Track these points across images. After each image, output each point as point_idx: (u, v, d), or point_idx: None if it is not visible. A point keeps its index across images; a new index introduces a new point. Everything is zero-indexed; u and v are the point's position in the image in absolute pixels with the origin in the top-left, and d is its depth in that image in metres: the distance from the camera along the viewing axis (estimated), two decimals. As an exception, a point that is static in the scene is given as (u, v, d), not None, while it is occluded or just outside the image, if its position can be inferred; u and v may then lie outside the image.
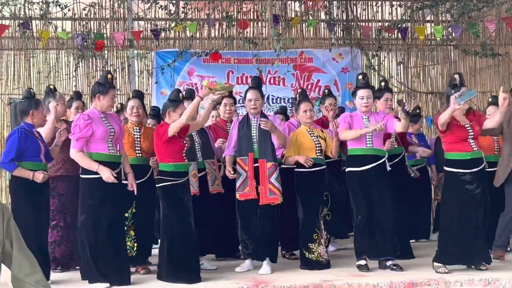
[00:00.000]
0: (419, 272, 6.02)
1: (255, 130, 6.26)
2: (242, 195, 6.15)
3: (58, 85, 9.63)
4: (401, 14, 10.63)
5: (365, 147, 6.19)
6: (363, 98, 6.25)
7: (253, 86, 6.46)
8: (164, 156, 5.83)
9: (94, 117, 5.54)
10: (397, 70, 10.76)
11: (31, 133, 5.67)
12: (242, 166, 6.17)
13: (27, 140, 5.57)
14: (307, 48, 10.32)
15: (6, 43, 9.92)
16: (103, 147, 5.53)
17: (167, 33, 10.04)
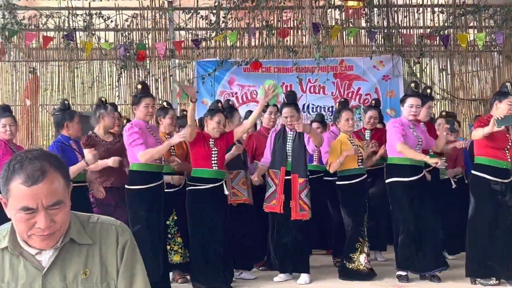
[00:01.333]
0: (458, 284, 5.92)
1: (290, 144, 6.25)
2: (268, 207, 6.17)
3: (101, 95, 9.81)
4: (443, 20, 10.51)
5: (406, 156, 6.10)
6: (412, 106, 6.13)
7: (289, 102, 6.45)
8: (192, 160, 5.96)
9: (142, 128, 5.62)
10: (439, 77, 10.63)
11: (67, 145, 5.76)
12: (273, 179, 6.18)
13: (63, 153, 5.66)
14: (347, 56, 10.28)
15: (51, 54, 10.15)
16: None
17: (208, 43, 10.13)
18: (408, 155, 5.95)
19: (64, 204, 1.87)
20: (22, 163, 1.82)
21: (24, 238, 1.89)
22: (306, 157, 6.29)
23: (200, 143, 5.84)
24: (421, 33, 10.45)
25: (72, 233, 1.95)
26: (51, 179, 1.83)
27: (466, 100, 10.59)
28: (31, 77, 10.06)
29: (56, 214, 1.84)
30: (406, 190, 6.05)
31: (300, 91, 10.01)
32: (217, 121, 5.91)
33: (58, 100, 9.97)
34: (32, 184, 1.79)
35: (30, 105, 9.96)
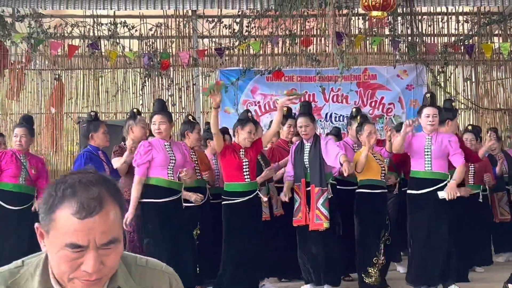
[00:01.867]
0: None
1: (307, 155, 6.25)
2: (296, 221, 6.14)
3: (125, 104, 9.91)
4: (467, 29, 10.45)
5: (423, 170, 6.04)
6: (428, 116, 6.05)
7: (303, 112, 6.44)
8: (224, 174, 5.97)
9: (155, 144, 5.66)
10: (464, 86, 10.55)
11: (95, 155, 5.83)
12: (297, 192, 6.18)
13: (91, 162, 5.74)
14: (370, 65, 10.25)
15: (76, 62, 10.26)
16: (162, 173, 5.64)
17: (231, 51, 10.17)
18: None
19: (118, 242, 1.52)
20: (75, 188, 1.47)
21: (63, 281, 1.52)
22: (321, 166, 6.23)
23: (230, 155, 5.87)
24: (445, 42, 10.39)
25: (119, 279, 1.60)
26: (108, 210, 1.49)
27: (491, 110, 10.49)
28: (56, 84, 10.17)
29: (107, 255, 1.49)
30: (418, 203, 6.02)
31: (323, 100, 10.01)
32: (248, 131, 5.94)
33: (82, 108, 10.08)
34: (86, 216, 1.45)
35: (55, 113, 10.05)
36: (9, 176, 6.07)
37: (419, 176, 6.03)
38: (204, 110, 10.10)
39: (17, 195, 6.14)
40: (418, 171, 6.04)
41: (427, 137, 6.05)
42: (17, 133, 6.18)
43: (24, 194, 6.18)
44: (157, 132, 5.76)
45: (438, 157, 5.97)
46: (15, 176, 6.09)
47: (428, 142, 6.01)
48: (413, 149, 6.06)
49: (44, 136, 10.05)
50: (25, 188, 6.16)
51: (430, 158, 5.96)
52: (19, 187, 6.12)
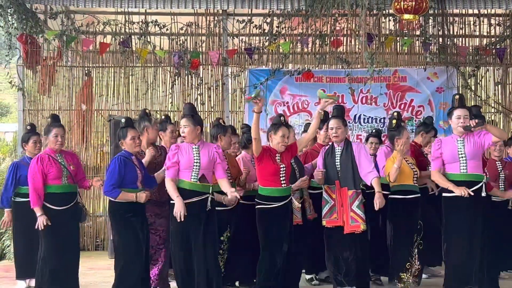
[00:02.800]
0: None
1: (338, 159, 6.27)
2: (330, 222, 6.18)
3: (155, 102, 9.99)
4: (499, 32, 10.34)
5: (459, 172, 6.04)
6: (459, 117, 6.07)
7: (335, 114, 6.45)
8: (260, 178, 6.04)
9: (183, 147, 5.84)
10: (495, 90, 10.45)
11: (129, 160, 5.89)
12: (330, 194, 6.22)
13: (126, 167, 5.81)
14: (400, 66, 10.19)
15: (107, 59, 10.35)
16: (187, 175, 5.77)
17: (261, 51, 10.19)
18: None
19: None
20: None
21: None
22: (354, 170, 6.26)
23: (267, 159, 5.93)
24: (476, 45, 10.30)
25: None
26: None
27: (521, 114, 10.40)
28: (86, 80, 10.27)
29: None
30: (453, 206, 6.03)
31: (352, 101, 9.99)
32: (281, 135, 5.99)
33: (113, 105, 10.17)
34: None
35: (85, 110, 10.16)
36: (52, 179, 6.15)
37: (454, 179, 6.04)
38: (232, 110, 10.13)
39: (63, 195, 6.23)
40: (453, 173, 6.06)
41: (459, 139, 6.05)
42: (57, 133, 6.24)
43: (69, 193, 6.29)
44: (183, 136, 5.92)
45: (472, 158, 6.01)
46: (58, 178, 6.18)
47: (461, 144, 6.01)
48: (446, 155, 6.06)
49: (74, 133, 10.16)
50: (69, 187, 6.26)
51: (466, 160, 5.98)
52: (63, 187, 6.21)
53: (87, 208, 10.01)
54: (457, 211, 6.01)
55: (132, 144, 5.94)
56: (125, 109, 10.04)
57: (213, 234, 5.89)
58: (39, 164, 6.11)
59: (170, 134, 6.74)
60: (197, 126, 5.86)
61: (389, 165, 6.33)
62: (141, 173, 5.93)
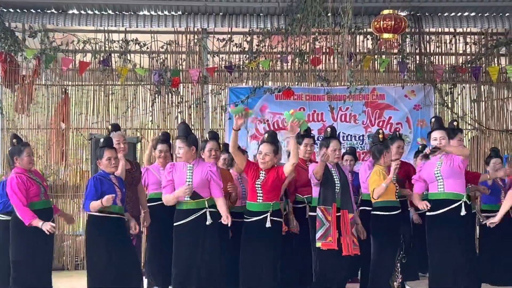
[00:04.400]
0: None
1: (338, 180, 6.33)
2: (325, 245, 6.19)
3: (134, 120, 9.98)
4: (475, 51, 10.56)
5: (437, 191, 6.21)
6: (436, 139, 6.28)
7: (334, 135, 6.53)
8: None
9: (177, 167, 5.98)
10: (471, 107, 10.64)
11: (106, 179, 5.92)
12: (326, 216, 6.23)
13: (103, 185, 5.89)
14: (378, 84, 10.34)
15: (86, 77, 10.32)
16: None
17: (241, 69, 10.26)
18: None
19: None
20: None
21: None
22: (351, 193, 6.41)
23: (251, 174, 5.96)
24: (452, 64, 10.49)
25: None
26: None
27: (497, 131, 10.58)
28: (63, 98, 10.23)
29: None
30: (434, 224, 6.20)
31: (331, 119, 10.09)
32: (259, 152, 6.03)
33: (93, 123, 10.14)
34: None
35: (65, 128, 10.11)
36: (32, 196, 6.17)
37: (434, 198, 6.23)
38: (213, 128, 10.17)
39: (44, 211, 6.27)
40: (433, 192, 6.28)
41: (438, 162, 6.22)
42: (29, 152, 6.44)
43: (49, 209, 6.45)
44: (178, 157, 5.94)
45: (450, 177, 6.15)
46: (37, 195, 6.20)
47: (439, 164, 6.18)
48: (425, 175, 6.26)
49: (53, 151, 10.10)
50: (47, 203, 6.42)
51: (442, 179, 6.13)
52: (43, 203, 6.25)
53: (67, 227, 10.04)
54: (438, 229, 6.15)
55: (107, 165, 5.98)
56: (105, 127, 9.96)
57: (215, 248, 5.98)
58: (20, 182, 6.12)
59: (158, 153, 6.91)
60: (191, 147, 5.94)
61: (373, 180, 6.39)
62: (120, 191, 5.96)
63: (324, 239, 6.20)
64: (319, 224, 6.22)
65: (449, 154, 6.22)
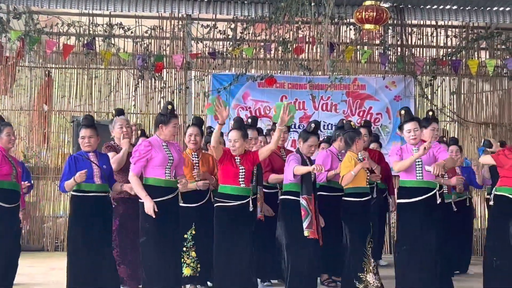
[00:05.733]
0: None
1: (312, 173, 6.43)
2: (313, 233, 6.28)
3: (117, 104, 10.01)
4: (456, 44, 10.71)
5: (415, 179, 6.27)
6: (410, 131, 6.32)
7: (315, 132, 6.59)
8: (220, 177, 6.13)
9: (155, 144, 5.83)
10: (450, 99, 10.80)
11: (84, 157, 6.00)
12: (309, 205, 6.31)
13: (77, 164, 5.93)
14: (360, 74, 10.46)
15: (70, 60, 10.33)
16: (160, 172, 5.80)
17: (224, 56, 10.33)
18: (405, 165, 6.18)
19: None
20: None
21: None
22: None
23: (227, 162, 6.02)
24: (433, 56, 10.64)
25: None
26: None
27: (476, 123, 10.76)
28: (46, 80, 10.26)
29: None
30: (409, 211, 6.24)
31: (313, 108, 10.21)
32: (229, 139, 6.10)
33: (75, 106, 10.18)
34: None
35: (47, 110, 10.14)
36: (2, 175, 6.16)
37: (410, 185, 6.25)
38: (195, 113, 10.24)
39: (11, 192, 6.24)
40: (409, 180, 6.25)
41: (414, 149, 6.29)
42: (9, 131, 6.28)
43: (17, 192, 6.32)
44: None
45: (428, 166, 6.22)
46: (8, 175, 6.19)
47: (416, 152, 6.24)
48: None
49: (35, 133, 10.13)
50: (16, 185, 6.30)
51: (421, 167, 6.20)
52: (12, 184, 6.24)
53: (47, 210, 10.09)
54: (411, 216, 6.23)
55: (82, 143, 6.06)
56: (88, 110, 10.03)
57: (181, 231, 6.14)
58: None
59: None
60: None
61: (345, 167, 6.49)
62: (99, 169, 6.01)
63: (311, 227, 6.29)
64: (305, 214, 6.26)
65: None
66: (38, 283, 6.88)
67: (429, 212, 6.22)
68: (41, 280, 6.99)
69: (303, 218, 6.21)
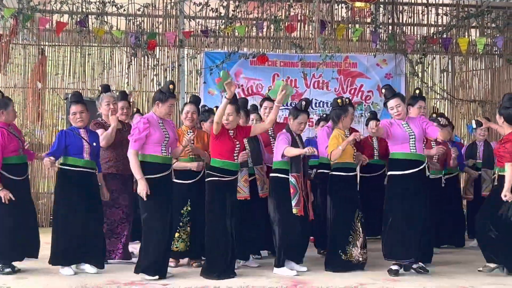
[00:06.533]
0: (452, 279, 6.23)
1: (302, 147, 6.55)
2: (300, 211, 6.42)
3: (111, 82, 10.09)
4: (446, 22, 10.79)
5: (409, 151, 6.37)
6: (393, 108, 6.43)
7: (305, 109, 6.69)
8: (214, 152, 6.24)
9: (152, 121, 5.96)
10: (441, 77, 10.92)
11: (75, 132, 6.15)
12: (298, 182, 6.42)
13: (68, 139, 6.10)
14: (351, 52, 10.55)
15: (63, 38, 10.37)
16: (157, 149, 5.95)
17: (217, 34, 10.39)
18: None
19: None
20: None
21: None
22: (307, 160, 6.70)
23: (224, 137, 6.13)
24: (424, 34, 10.73)
25: None
26: None
27: (466, 101, 10.89)
28: (40, 58, 10.31)
29: None
30: (399, 183, 6.37)
31: (305, 86, 10.31)
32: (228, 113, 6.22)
33: (69, 84, 10.24)
34: None
35: (41, 88, 10.20)
36: (12, 151, 6.24)
37: (403, 158, 6.38)
38: (188, 91, 10.33)
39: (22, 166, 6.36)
40: (403, 152, 6.37)
41: (403, 123, 6.40)
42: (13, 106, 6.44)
43: (25, 164, 6.46)
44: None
45: (419, 140, 6.38)
46: (17, 150, 6.28)
47: (407, 127, 6.36)
48: (396, 136, 6.37)
49: (29, 111, 10.21)
50: (24, 157, 6.40)
51: (415, 140, 6.33)
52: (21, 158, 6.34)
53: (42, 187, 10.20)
54: (402, 188, 6.35)
55: (73, 119, 6.19)
56: (81, 88, 10.10)
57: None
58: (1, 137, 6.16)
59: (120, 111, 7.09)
60: None
61: (333, 143, 6.60)
62: (88, 145, 6.13)
63: (299, 205, 6.42)
64: (294, 191, 6.39)
65: (415, 119, 6.47)
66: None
67: (419, 185, 6.35)
68: (36, 254, 7.10)
69: (292, 196, 6.37)
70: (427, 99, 10.92)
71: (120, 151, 6.67)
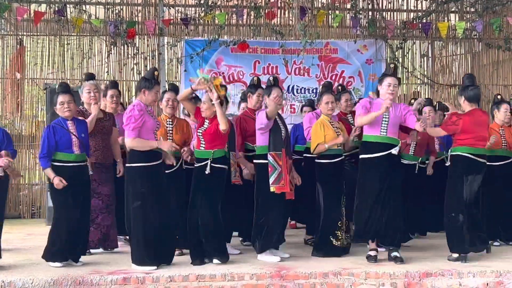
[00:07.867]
0: (434, 263, 6.28)
1: (283, 127, 6.54)
2: (279, 188, 6.37)
3: (90, 71, 9.98)
4: (426, 6, 10.82)
5: (379, 134, 6.35)
6: (390, 85, 6.33)
7: (276, 84, 6.71)
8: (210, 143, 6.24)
9: (144, 109, 5.92)
10: (421, 62, 10.96)
11: (62, 126, 6.03)
12: (277, 161, 6.42)
13: (56, 134, 5.98)
14: (332, 39, 10.55)
15: (41, 28, 10.28)
16: (151, 137, 5.96)
17: (197, 22, 10.34)
18: (367, 121, 6.28)
19: None
20: None
21: None
22: (290, 140, 6.66)
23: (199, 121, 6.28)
24: (403, 20, 10.75)
25: None
26: None
27: (446, 86, 10.95)
28: (18, 48, 10.21)
29: None
30: (371, 166, 6.35)
31: (286, 72, 10.31)
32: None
33: (48, 74, 10.16)
34: None
35: (20, 78, 10.12)
36: None
37: (374, 141, 6.36)
38: (169, 80, 10.29)
39: None
40: (373, 135, 6.34)
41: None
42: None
43: None
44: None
45: (394, 124, 6.34)
46: None
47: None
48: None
49: (8, 101, 10.12)
50: None
51: (387, 124, 6.30)
52: None
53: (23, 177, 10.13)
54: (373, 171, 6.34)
55: (61, 109, 6.07)
56: (60, 78, 10.03)
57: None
58: None
59: (110, 99, 7.01)
60: None
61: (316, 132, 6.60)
62: (77, 138, 6.05)
63: (278, 182, 6.40)
64: (271, 170, 6.38)
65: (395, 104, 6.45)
66: (16, 248, 6.96)
67: (390, 169, 6.34)
68: (19, 245, 7.10)
69: (270, 174, 6.36)
70: (408, 84, 11.04)
71: (100, 140, 6.64)
